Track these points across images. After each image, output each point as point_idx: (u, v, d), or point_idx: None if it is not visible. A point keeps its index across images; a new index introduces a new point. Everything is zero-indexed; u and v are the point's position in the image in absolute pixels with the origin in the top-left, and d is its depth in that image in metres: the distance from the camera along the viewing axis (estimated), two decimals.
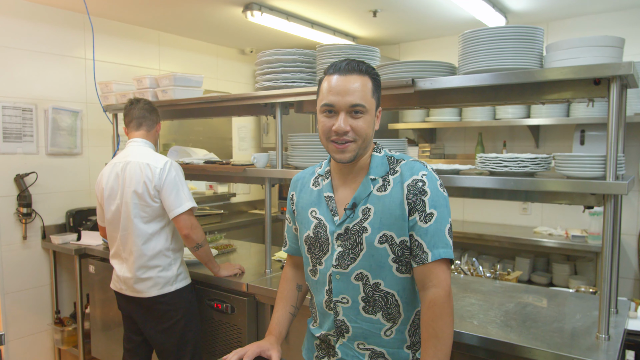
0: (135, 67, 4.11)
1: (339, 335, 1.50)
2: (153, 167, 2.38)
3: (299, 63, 2.47)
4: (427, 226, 1.38)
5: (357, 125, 1.40)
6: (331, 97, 1.41)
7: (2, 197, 3.33)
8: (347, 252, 1.45)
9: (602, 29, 3.78)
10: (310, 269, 1.57)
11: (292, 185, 1.68)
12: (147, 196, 2.37)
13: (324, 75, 1.48)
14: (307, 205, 1.57)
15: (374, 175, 1.46)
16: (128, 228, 2.40)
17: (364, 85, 1.41)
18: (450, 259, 1.40)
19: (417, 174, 1.42)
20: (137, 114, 2.56)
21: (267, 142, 5.21)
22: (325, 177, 1.56)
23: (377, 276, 1.44)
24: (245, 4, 3.51)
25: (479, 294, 2.23)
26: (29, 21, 3.43)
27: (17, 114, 3.36)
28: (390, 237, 1.41)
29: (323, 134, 1.45)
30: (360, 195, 1.45)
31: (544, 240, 3.75)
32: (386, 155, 1.51)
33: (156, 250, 2.40)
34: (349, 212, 1.46)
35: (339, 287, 1.47)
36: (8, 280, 3.37)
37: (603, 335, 1.70)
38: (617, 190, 1.63)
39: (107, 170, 2.52)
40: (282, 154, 2.52)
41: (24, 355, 3.50)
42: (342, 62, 1.44)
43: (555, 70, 1.74)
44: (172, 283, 2.42)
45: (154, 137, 2.62)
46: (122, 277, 2.45)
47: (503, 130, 4.28)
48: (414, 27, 4.22)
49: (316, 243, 1.52)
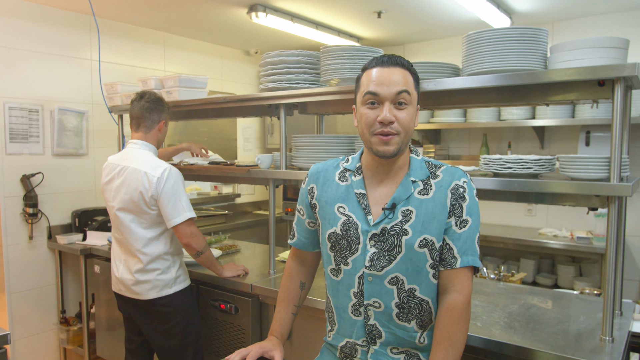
0: (141, 68, 4.13)
1: (371, 342, 1.45)
2: (150, 175, 2.30)
3: (303, 64, 2.47)
4: (461, 232, 1.40)
5: (402, 117, 1.38)
6: (374, 86, 1.38)
7: (9, 197, 3.35)
8: (382, 254, 1.41)
9: (607, 29, 3.76)
10: (332, 268, 1.51)
11: (312, 177, 1.60)
12: (143, 204, 2.32)
13: (362, 71, 1.46)
14: (332, 200, 1.51)
15: (414, 177, 1.44)
16: (125, 232, 2.38)
17: (407, 77, 1.40)
18: (476, 267, 1.41)
19: (459, 180, 1.43)
20: (135, 113, 2.47)
21: (271, 142, 5.23)
22: (355, 173, 1.51)
23: (413, 281, 1.41)
24: (250, 5, 3.52)
25: (483, 296, 2.23)
26: (35, 23, 3.45)
27: (23, 114, 3.39)
28: (430, 242, 1.39)
29: (366, 126, 1.41)
30: (401, 195, 1.42)
31: (549, 242, 3.73)
32: (424, 159, 1.50)
33: (155, 255, 2.37)
34: (388, 212, 1.42)
35: (371, 289, 1.43)
36: (14, 279, 3.40)
37: (607, 337, 1.70)
38: (621, 192, 1.62)
39: (105, 171, 2.51)
40: (287, 155, 2.53)
41: (30, 354, 3.53)
42: (384, 56, 1.43)
43: (559, 71, 1.73)
44: (171, 286, 2.40)
45: (155, 137, 2.50)
46: (120, 278, 2.44)
47: (508, 131, 4.26)
48: (419, 28, 4.21)
49: (343, 241, 1.47)
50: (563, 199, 1.92)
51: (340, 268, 1.48)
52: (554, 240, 3.74)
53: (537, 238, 3.83)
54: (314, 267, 1.72)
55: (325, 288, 1.59)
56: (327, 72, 2.35)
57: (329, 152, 2.39)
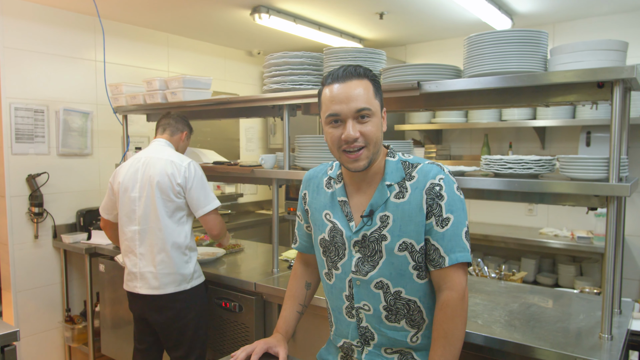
0: (145, 69, 4.16)
1: (364, 343, 1.48)
2: (178, 164, 2.44)
3: (306, 66, 2.50)
4: (443, 231, 1.38)
5: (366, 130, 1.37)
6: (335, 106, 1.37)
7: (15, 197, 3.39)
8: (365, 259, 1.44)
9: (607, 30, 3.79)
10: (326, 272, 1.55)
11: (305, 183, 1.65)
12: (170, 192, 2.41)
13: (322, 86, 1.44)
14: (320, 207, 1.55)
15: (389, 181, 1.43)
16: (149, 222, 2.42)
17: (366, 88, 1.38)
18: (467, 262, 1.39)
19: (435, 178, 1.40)
20: (163, 122, 2.70)
21: (274, 143, 5.25)
22: (337, 181, 1.53)
23: (397, 284, 1.42)
24: (253, 7, 3.55)
25: (484, 294, 2.25)
26: (40, 24, 3.49)
27: (29, 115, 3.42)
28: (410, 245, 1.40)
29: (333, 145, 1.41)
30: (377, 202, 1.43)
31: (550, 241, 3.76)
32: (400, 160, 1.47)
33: (176, 247, 2.42)
34: (367, 220, 1.43)
35: (360, 293, 1.46)
36: (20, 278, 3.43)
37: (606, 335, 1.72)
38: (620, 192, 1.65)
39: (127, 164, 2.55)
40: (290, 155, 2.55)
41: (35, 352, 3.56)
42: (338, 69, 1.41)
43: (559, 73, 1.76)
44: (189, 281, 2.46)
45: (177, 142, 2.69)
46: (138, 272, 2.44)
47: (509, 131, 4.29)
48: (420, 29, 4.24)
49: (332, 247, 1.50)
50: (563, 199, 1.95)
51: (332, 272, 1.52)
52: (555, 240, 3.76)
53: (538, 238, 3.85)
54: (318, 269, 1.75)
55: None
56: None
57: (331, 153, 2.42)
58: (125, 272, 2.53)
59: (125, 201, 2.49)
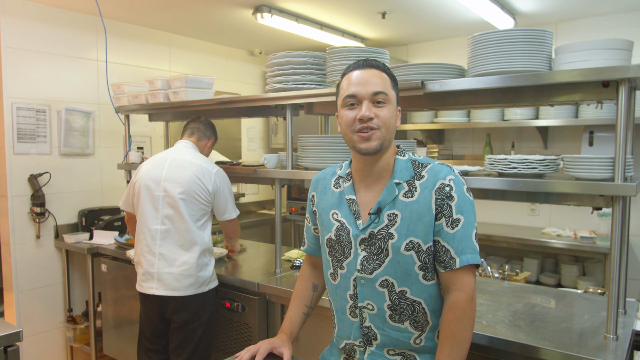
0: (146, 69, 4.16)
1: (367, 343, 1.48)
2: (208, 170, 2.48)
3: (309, 65, 2.50)
4: (454, 232, 1.38)
5: (381, 114, 1.40)
6: (353, 88, 1.42)
7: (17, 196, 3.39)
8: (371, 257, 1.44)
9: (610, 30, 3.78)
10: (331, 272, 1.55)
11: (313, 185, 1.66)
12: (199, 196, 2.42)
13: (341, 78, 1.49)
14: (328, 207, 1.56)
15: (398, 179, 1.44)
16: (175, 222, 2.40)
17: (384, 78, 1.44)
18: (477, 264, 1.40)
19: (445, 179, 1.40)
20: (192, 125, 2.71)
21: (275, 142, 5.25)
22: (346, 179, 1.54)
23: (403, 284, 1.42)
24: (255, 6, 3.54)
25: (488, 294, 2.24)
26: (42, 23, 3.48)
27: (30, 115, 3.42)
28: (417, 244, 1.40)
29: (347, 126, 1.44)
30: (385, 199, 1.43)
31: (553, 241, 3.75)
32: (410, 159, 1.48)
33: (199, 249, 2.41)
34: (374, 217, 1.43)
35: (364, 292, 1.46)
36: (22, 278, 3.43)
37: (611, 335, 1.72)
38: (625, 192, 1.64)
39: (151, 162, 2.53)
40: (292, 155, 2.55)
41: (37, 352, 3.56)
42: (360, 60, 1.47)
43: (563, 72, 1.75)
44: (207, 284, 2.45)
45: (202, 148, 2.69)
46: (155, 272, 2.38)
47: (511, 131, 4.28)
48: (423, 28, 4.23)
49: (338, 246, 1.50)
50: (567, 199, 1.94)
51: (337, 272, 1.52)
52: (558, 240, 3.75)
53: (541, 237, 3.85)
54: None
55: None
56: (333, 72, 2.37)
57: (334, 153, 2.41)
58: (140, 272, 2.45)
59: (148, 199, 2.43)
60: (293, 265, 2.76)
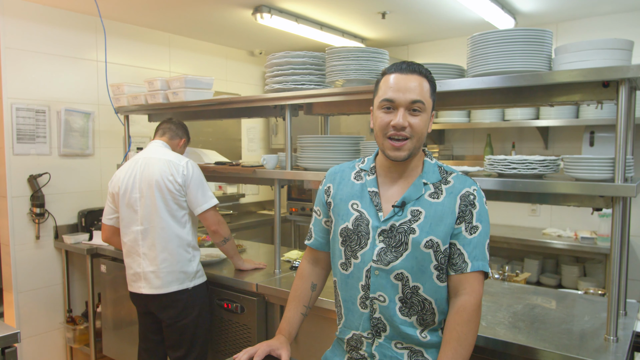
0: (146, 69, 4.16)
1: (376, 335, 1.49)
2: (176, 163, 2.48)
3: (308, 65, 2.49)
4: (471, 237, 1.43)
5: (415, 123, 1.43)
6: (391, 93, 1.44)
7: (16, 197, 3.38)
8: (389, 249, 1.46)
9: (611, 30, 3.77)
10: (342, 262, 1.55)
11: (329, 177, 1.67)
12: (171, 191, 2.44)
13: (381, 76, 1.51)
14: (347, 198, 1.57)
15: (426, 179, 1.49)
16: (152, 221, 2.44)
17: (423, 85, 1.45)
18: (486, 273, 1.45)
19: (470, 188, 1.47)
20: (164, 126, 2.74)
21: (275, 143, 5.25)
22: (370, 173, 1.57)
23: (417, 279, 1.44)
24: (255, 7, 3.53)
25: (488, 295, 2.24)
26: (42, 24, 3.48)
27: (30, 115, 3.42)
28: (436, 244, 1.43)
29: (380, 130, 1.47)
30: (411, 195, 1.47)
31: (553, 242, 3.74)
32: (437, 164, 1.54)
33: (179, 245, 2.45)
34: (397, 210, 1.47)
35: (377, 283, 1.47)
36: (21, 279, 3.43)
37: (611, 337, 1.71)
38: (625, 193, 1.63)
39: (125, 167, 2.58)
40: (292, 155, 2.54)
41: (37, 353, 3.56)
42: (402, 62, 1.48)
43: (563, 72, 1.74)
44: (192, 279, 2.48)
45: (174, 147, 2.71)
46: (141, 272, 2.46)
47: (512, 131, 4.27)
48: (423, 28, 4.22)
49: (354, 236, 1.52)
50: (567, 200, 1.93)
51: (350, 262, 1.53)
52: (558, 241, 3.74)
53: (541, 238, 3.84)
54: (326, 269, 1.75)
55: (333, 286, 1.61)
56: (332, 73, 2.37)
57: (334, 153, 2.41)
58: (130, 273, 2.53)
59: (127, 202, 2.50)
60: (292, 266, 2.76)
